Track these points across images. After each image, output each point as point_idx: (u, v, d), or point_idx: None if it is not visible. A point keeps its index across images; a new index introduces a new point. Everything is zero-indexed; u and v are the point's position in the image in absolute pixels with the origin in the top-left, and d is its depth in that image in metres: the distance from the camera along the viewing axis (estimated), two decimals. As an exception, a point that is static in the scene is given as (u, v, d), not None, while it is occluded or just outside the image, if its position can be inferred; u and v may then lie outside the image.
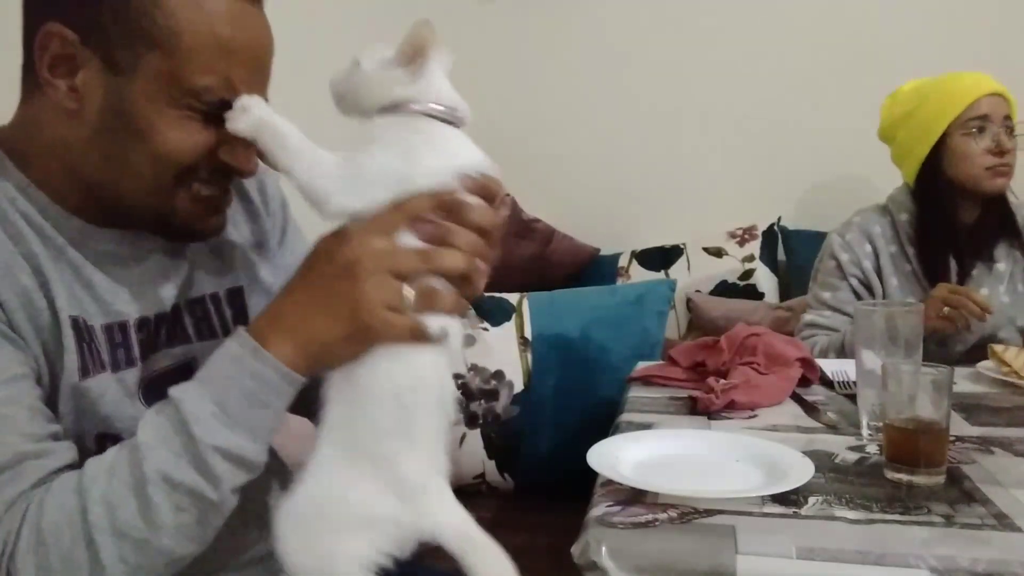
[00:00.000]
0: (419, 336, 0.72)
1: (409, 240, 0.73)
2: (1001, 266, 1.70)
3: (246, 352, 0.73)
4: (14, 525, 0.69)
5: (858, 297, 1.74)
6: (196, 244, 0.89)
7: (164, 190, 0.79)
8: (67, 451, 0.74)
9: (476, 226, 0.74)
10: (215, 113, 0.77)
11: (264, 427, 0.74)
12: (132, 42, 0.74)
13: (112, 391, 0.81)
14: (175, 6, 0.75)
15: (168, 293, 0.88)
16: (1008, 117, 1.70)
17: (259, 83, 0.80)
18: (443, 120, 0.75)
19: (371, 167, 0.73)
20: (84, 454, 0.75)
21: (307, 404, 0.76)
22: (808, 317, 1.77)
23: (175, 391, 0.73)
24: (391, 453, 0.71)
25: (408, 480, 0.71)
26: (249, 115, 0.76)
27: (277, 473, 0.95)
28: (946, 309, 1.56)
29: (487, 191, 0.75)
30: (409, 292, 0.72)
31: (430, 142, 0.74)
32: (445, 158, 0.74)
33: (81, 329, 0.79)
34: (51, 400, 0.77)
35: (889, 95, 1.84)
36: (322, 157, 0.74)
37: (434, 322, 0.73)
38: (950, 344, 1.68)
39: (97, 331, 0.81)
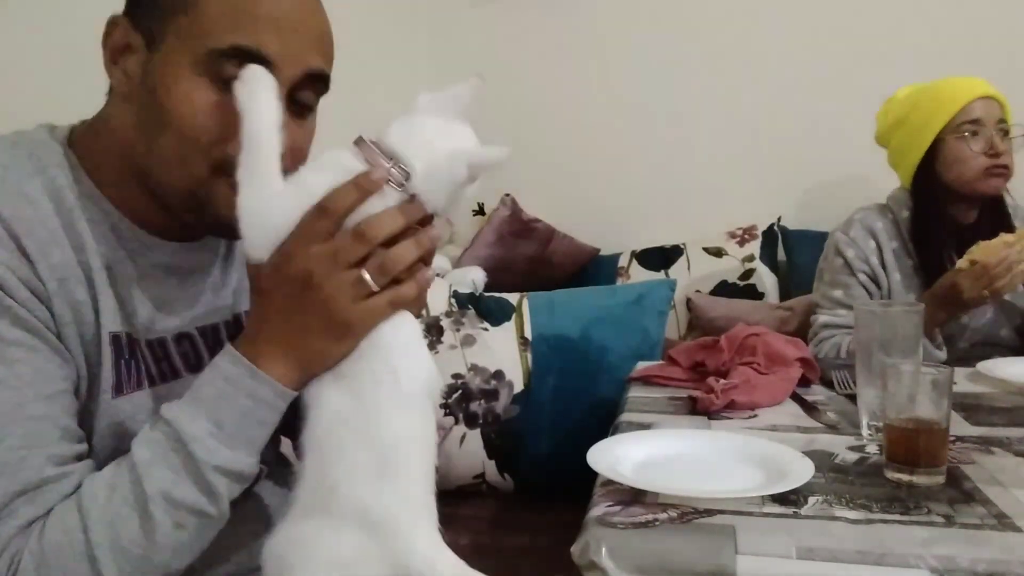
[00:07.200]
0: (398, 304, 0.74)
1: (342, 233, 0.73)
2: None
3: (241, 372, 0.74)
4: (21, 546, 0.69)
5: (868, 293, 1.73)
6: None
7: (196, 177, 0.78)
8: (86, 472, 0.75)
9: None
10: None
11: (259, 442, 0.76)
12: (164, 13, 0.75)
13: (146, 411, 0.81)
14: None
15: (220, 305, 0.89)
16: (1002, 120, 1.70)
17: (296, 59, 0.77)
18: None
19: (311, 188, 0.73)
20: None
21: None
22: (823, 319, 1.75)
23: (167, 411, 0.74)
24: (368, 498, 0.71)
25: (387, 524, 0.71)
26: (243, 87, 0.73)
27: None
28: (986, 293, 1.52)
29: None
30: (366, 274, 0.73)
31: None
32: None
33: (121, 346, 0.80)
34: (89, 415, 0.78)
35: (885, 101, 1.84)
36: (273, 180, 0.73)
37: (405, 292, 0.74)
38: (954, 340, 1.68)
39: (142, 346, 0.82)
